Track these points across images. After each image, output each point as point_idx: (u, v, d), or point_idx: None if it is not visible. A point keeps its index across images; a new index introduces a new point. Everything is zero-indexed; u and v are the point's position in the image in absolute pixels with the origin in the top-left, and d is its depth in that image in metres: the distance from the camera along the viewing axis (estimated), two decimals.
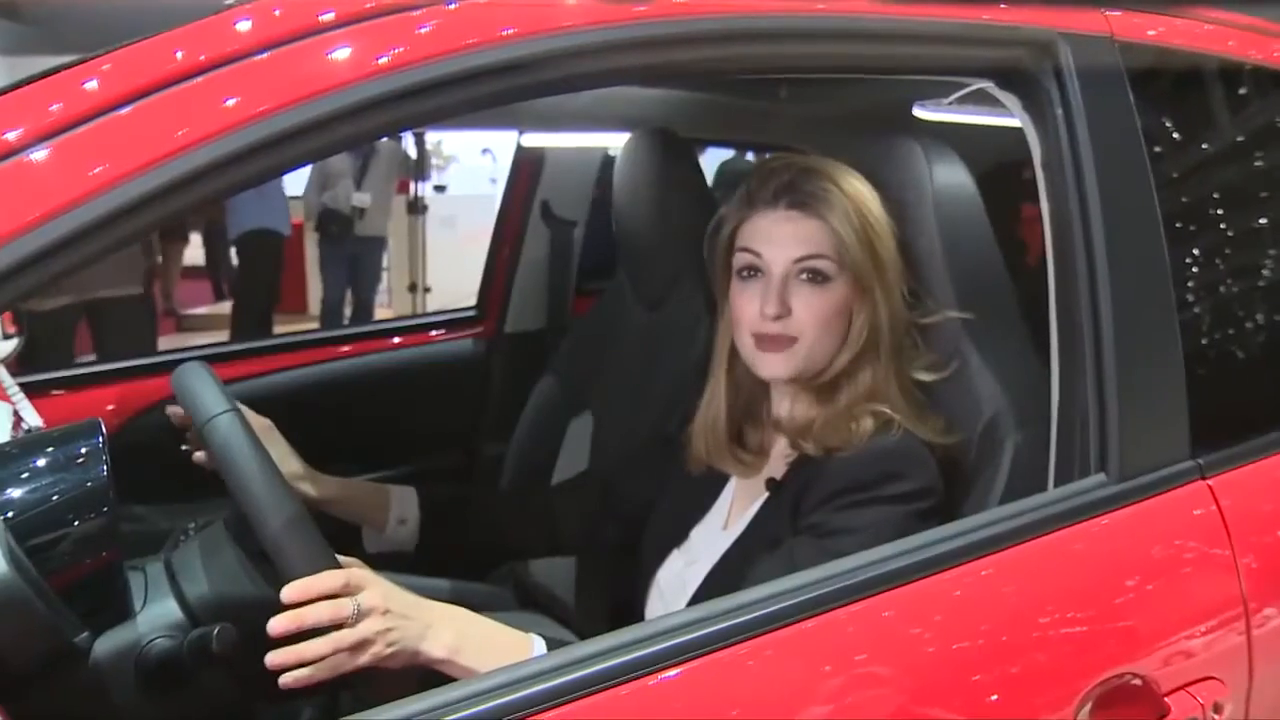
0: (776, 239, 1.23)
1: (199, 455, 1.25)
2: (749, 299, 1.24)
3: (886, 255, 1.24)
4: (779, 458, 1.30)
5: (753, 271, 1.25)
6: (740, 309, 1.25)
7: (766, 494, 1.29)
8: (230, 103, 0.85)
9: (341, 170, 5.94)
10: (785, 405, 1.31)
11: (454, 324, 2.57)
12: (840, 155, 1.30)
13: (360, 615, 0.97)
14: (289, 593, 0.98)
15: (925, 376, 1.27)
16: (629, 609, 1.43)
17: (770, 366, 1.24)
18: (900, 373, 1.26)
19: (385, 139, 5.82)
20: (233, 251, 6.37)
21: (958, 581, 1.04)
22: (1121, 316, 1.14)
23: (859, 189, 1.24)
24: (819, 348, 1.23)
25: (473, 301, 2.62)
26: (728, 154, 5.63)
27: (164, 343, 5.76)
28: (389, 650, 0.98)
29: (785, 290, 1.23)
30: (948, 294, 1.30)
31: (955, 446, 1.25)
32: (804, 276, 1.23)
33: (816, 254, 1.22)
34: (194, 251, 8.11)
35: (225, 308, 6.52)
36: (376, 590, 0.99)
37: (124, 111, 0.84)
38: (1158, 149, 1.21)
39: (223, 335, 6.11)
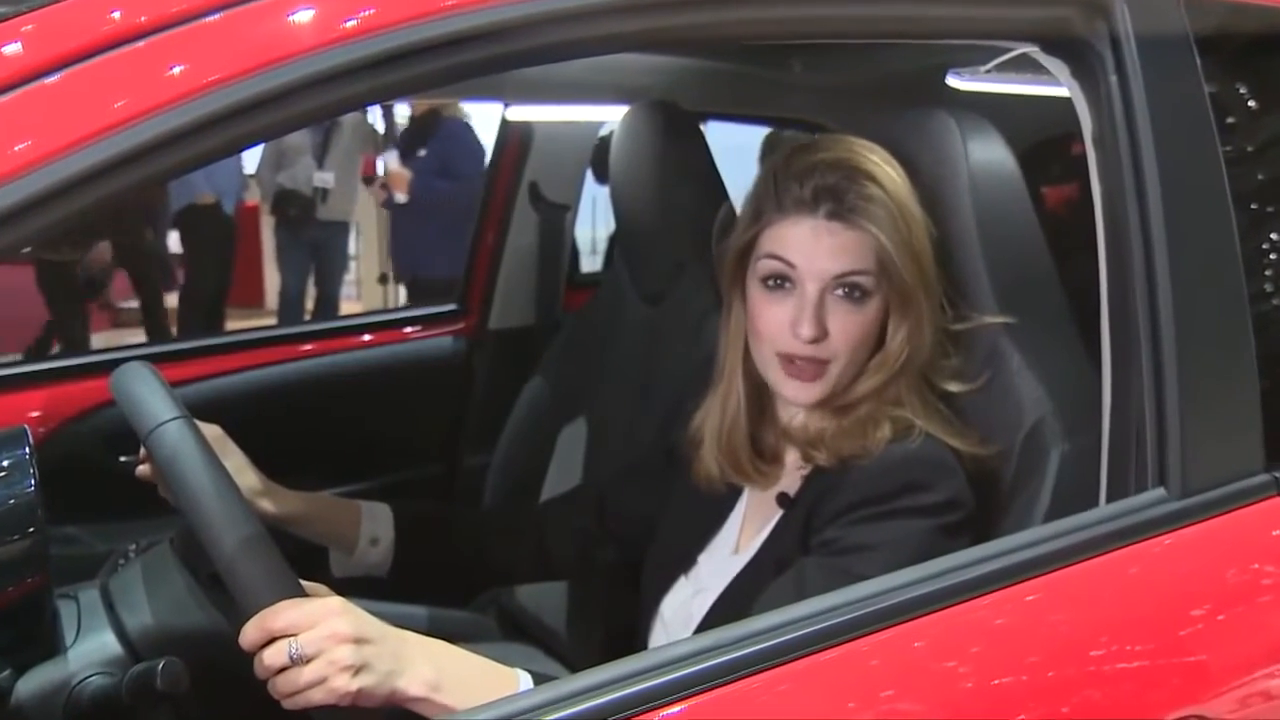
0: (815, 252, 1.21)
1: (142, 468, 1.25)
2: (776, 312, 1.23)
3: (928, 259, 1.23)
4: (792, 470, 1.30)
5: (780, 281, 1.24)
6: (765, 322, 1.24)
7: (780, 512, 1.28)
8: (176, 71, 0.84)
9: (300, 146, 5.89)
10: (798, 417, 1.30)
11: (431, 320, 2.56)
12: (864, 131, 1.29)
13: (304, 656, 0.96)
14: (252, 633, 0.97)
15: (953, 387, 1.27)
16: (627, 639, 1.42)
17: (796, 392, 1.24)
18: (924, 382, 1.26)
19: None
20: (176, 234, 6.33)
21: (999, 608, 1.04)
22: (1184, 310, 1.13)
23: (899, 184, 1.23)
24: (850, 367, 1.23)
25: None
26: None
27: (98, 340, 5.76)
28: (361, 685, 0.97)
29: (821, 309, 1.22)
30: (984, 287, 1.29)
31: (992, 457, 1.24)
32: (841, 293, 1.22)
33: (859, 270, 1.21)
34: None
35: (169, 300, 6.50)
36: (347, 619, 0.98)
37: (51, 80, 0.83)
38: (1229, 121, 1.20)
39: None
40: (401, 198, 5.01)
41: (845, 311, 1.22)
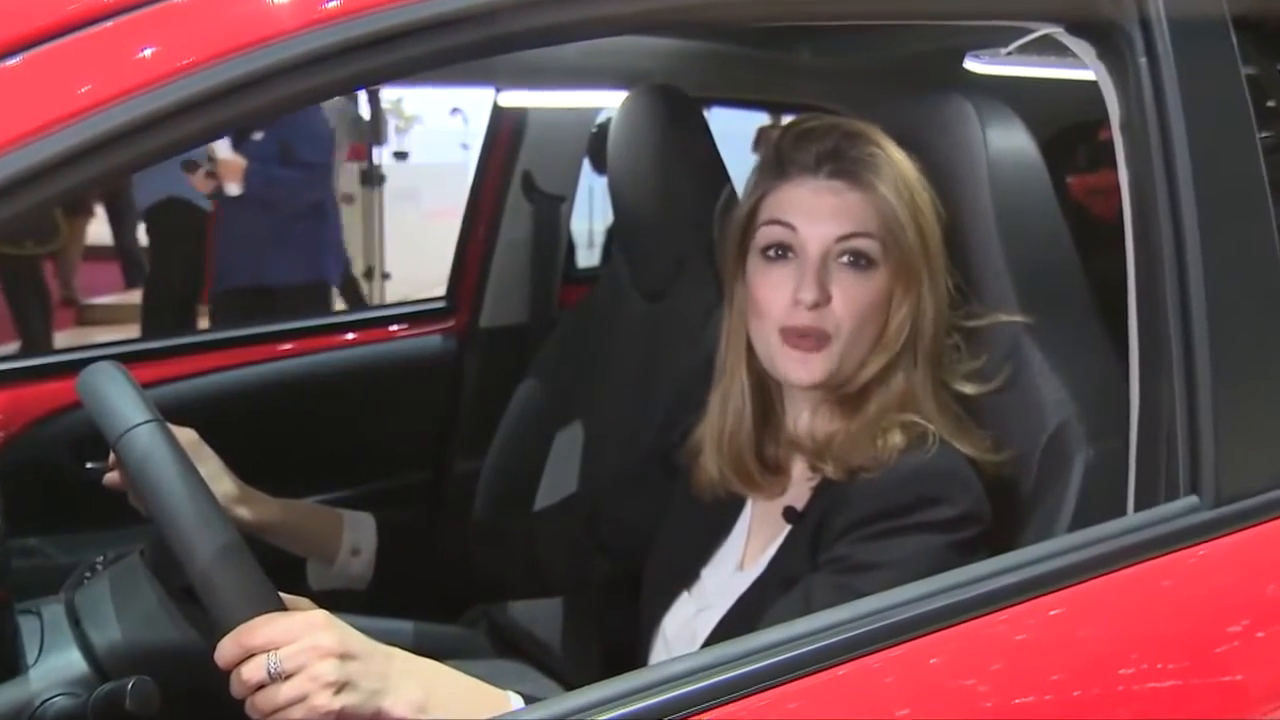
0: (817, 212, 1.22)
1: (110, 475, 1.24)
2: (777, 283, 1.23)
3: (932, 236, 1.24)
4: (800, 481, 1.30)
5: (782, 251, 1.24)
6: (765, 295, 1.24)
7: (787, 527, 1.28)
8: (146, 54, 0.84)
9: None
10: (803, 418, 1.30)
11: (419, 317, 2.56)
12: (876, 116, 1.29)
13: (284, 672, 0.96)
14: (229, 649, 0.96)
15: (968, 389, 1.27)
16: (625, 656, 1.42)
17: (798, 369, 1.23)
18: (936, 379, 1.26)
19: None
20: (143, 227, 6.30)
21: (1020, 622, 1.03)
22: (1218, 308, 1.13)
23: (902, 158, 1.24)
24: (853, 347, 1.23)
25: (441, 290, 2.62)
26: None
27: (62, 339, 5.75)
28: (344, 704, 0.97)
29: (824, 274, 1.22)
30: (1003, 283, 1.29)
31: (1012, 463, 1.24)
32: (846, 259, 1.22)
33: (863, 232, 1.22)
34: (98, 227, 8.04)
35: (137, 296, 6.48)
36: (330, 634, 0.98)
37: (12, 63, 0.82)
38: (1267, 105, 1.20)
39: (134, 330, 6.07)
40: (234, 189, 4.34)
41: (850, 279, 1.22)
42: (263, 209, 4.27)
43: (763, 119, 4.72)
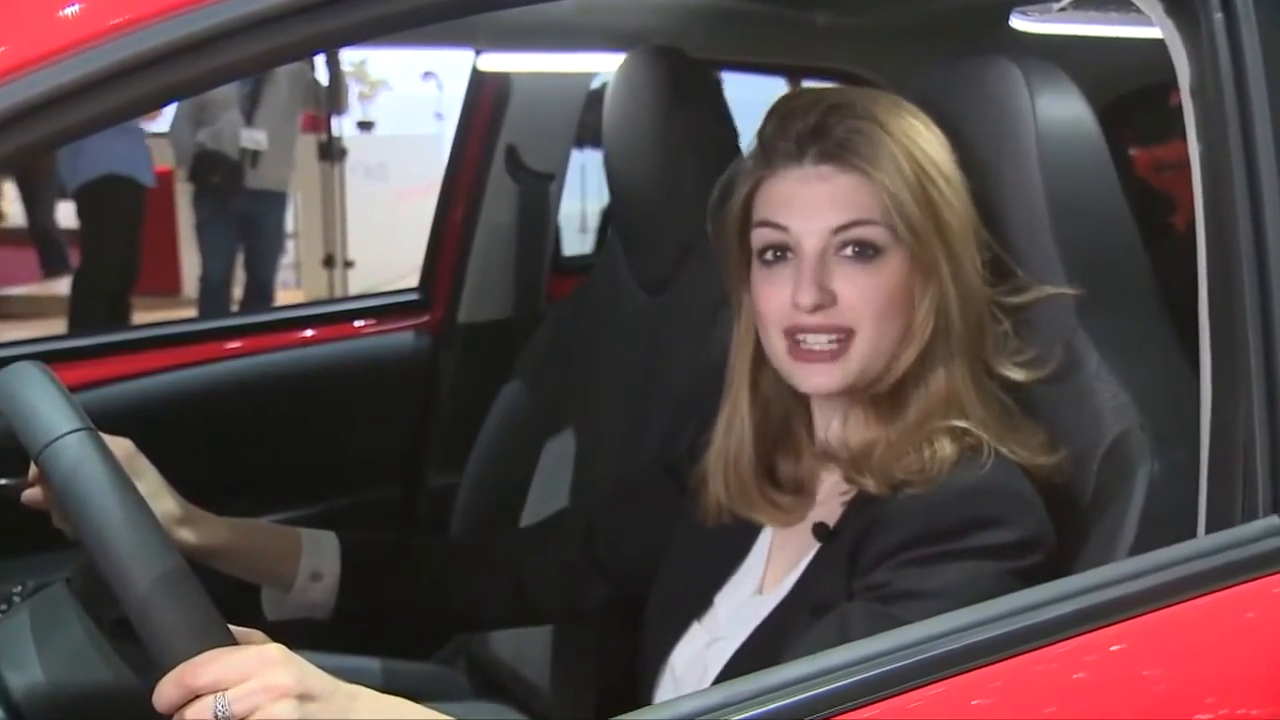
0: (805, 205, 1.23)
1: (31, 492, 1.24)
2: (776, 288, 1.24)
3: (953, 215, 1.24)
4: (831, 496, 1.30)
5: (779, 253, 1.25)
6: (766, 302, 1.25)
7: (816, 545, 1.28)
8: (69, 12, 0.84)
9: (224, 99, 5.88)
10: (834, 426, 1.30)
11: (387, 311, 2.57)
12: (909, 81, 1.29)
13: (233, 715, 0.95)
14: (169, 691, 0.95)
15: (1017, 375, 1.27)
16: (625, 697, 1.42)
17: (812, 378, 1.24)
18: (980, 368, 1.26)
19: None
20: (71, 208, 6.30)
21: (1076, 658, 1.03)
22: None
23: (912, 126, 1.24)
24: (877, 343, 1.23)
25: (413, 281, 2.63)
26: None
27: None
28: None
29: (823, 271, 1.22)
30: (1054, 272, 1.29)
31: (1065, 469, 1.24)
32: (848, 252, 1.22)
33: (861, 219, 1.22)
34: (12, 207, 8.04)
35: (61, 287, 6.47)
36: (287, 671, 0.97)
37: None
38: None
39: (58, 325, 6.07)
40: None
41: (855, 272, 1.22)
42: None
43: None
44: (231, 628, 1.01)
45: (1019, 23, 2.17)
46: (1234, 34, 1.14)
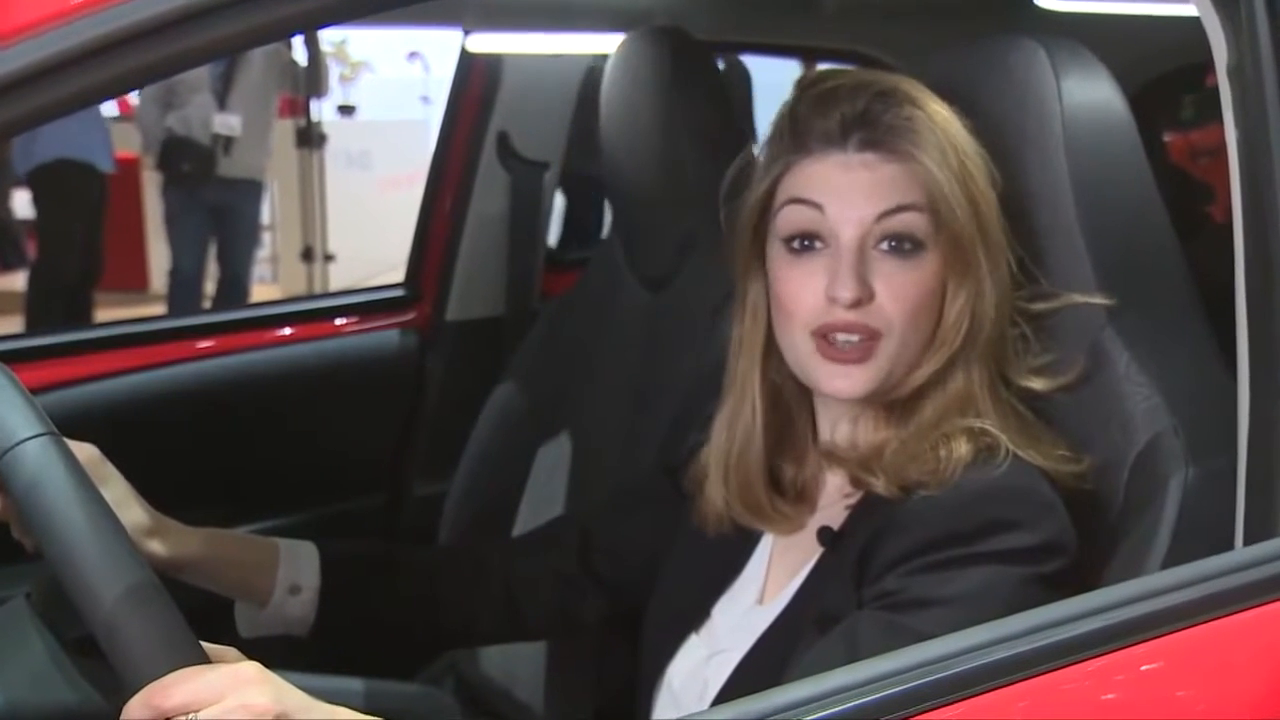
0: (847, 190, 1.22)
1: None
2: (805, 279, 1.23)
3: (990, 210, 1.24)
4: (835, 499, 1.30)
5: (809, 241, 1.24)
6: (793, 293, 1.24)
7: (819, 552, 1.28)
8: None
9: (195, 81, 5.88)
10: (843, 427, 1.31)
11: (371, 309, 2.58)
12: (926, 63, 1.29)
13: None
14: (138, 712, 0.95)
15: (1036, 384, 1.27)
16: (623, 717, 1.42)
17: (838, 382, 1.23)
18: (995, 378, 1.26)
19: None
20: (26, 196, 6.28)
21: (1105, 678, 1.03)
22: None
23: (946, 115, 1.24)
24: (904, 348, 1.23)
25: (398, 276, 2.64)
26: None
27: None
28: None
29: (863, 265, 1.22)
30: (1081, 266, 1.29)
31: (1090, 477, 1.24)
32: (888, 245, 1.22)
33: (905, 204, 1.22)
34: None
35: (16, 282, 6.45)
36: (263, 690, 0.97)
37: None
38: None
39: (16, 323, 6.07)
40: None
41: (894, 268, 1.22)
42: None
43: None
44: (204, 645, 1.01)
45: (1044, 1, 2.18)
46: (1275, 10, 1.14)
